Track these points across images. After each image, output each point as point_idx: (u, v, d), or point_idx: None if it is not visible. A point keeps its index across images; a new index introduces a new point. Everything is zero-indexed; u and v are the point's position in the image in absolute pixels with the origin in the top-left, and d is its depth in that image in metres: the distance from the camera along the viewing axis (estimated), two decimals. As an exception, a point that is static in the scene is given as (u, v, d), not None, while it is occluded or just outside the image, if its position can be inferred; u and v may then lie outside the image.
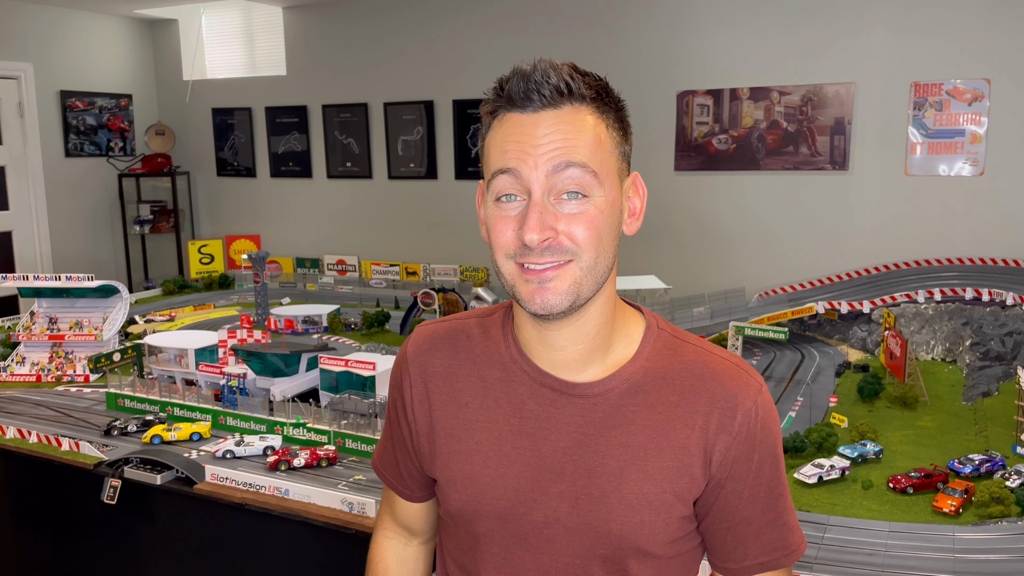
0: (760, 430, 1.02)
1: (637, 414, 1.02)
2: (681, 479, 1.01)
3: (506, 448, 1.05)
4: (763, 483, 1.05)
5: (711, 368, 1.03)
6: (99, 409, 3.00)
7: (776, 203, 4.34)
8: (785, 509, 1.08)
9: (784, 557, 1.08)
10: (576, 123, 0.95)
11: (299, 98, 5.72)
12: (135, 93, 6.17)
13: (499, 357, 1.08)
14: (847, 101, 4.07)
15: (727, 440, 1.01)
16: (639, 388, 1.03)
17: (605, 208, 0.97)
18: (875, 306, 3.58)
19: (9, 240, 5.48)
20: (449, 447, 1.08)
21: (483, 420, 1.06)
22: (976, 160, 3.85)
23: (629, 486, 1.01)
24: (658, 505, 1.01)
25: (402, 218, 5.48)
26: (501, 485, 1.04)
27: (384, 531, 1.29)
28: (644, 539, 1.01)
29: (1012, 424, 2.57)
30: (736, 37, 4.30)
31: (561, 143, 0.94)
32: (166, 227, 6.09)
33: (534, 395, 1.04)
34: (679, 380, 1.03)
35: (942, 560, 1.82)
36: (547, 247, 0.95)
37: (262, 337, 3.14)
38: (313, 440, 2.55)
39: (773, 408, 1.06)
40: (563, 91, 0.95)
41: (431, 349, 1.12)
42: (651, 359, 1.04)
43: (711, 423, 1.01)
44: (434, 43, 5.17)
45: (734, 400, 1.01)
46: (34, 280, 3.61)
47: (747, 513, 1.05)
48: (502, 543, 1.06)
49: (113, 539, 2.59)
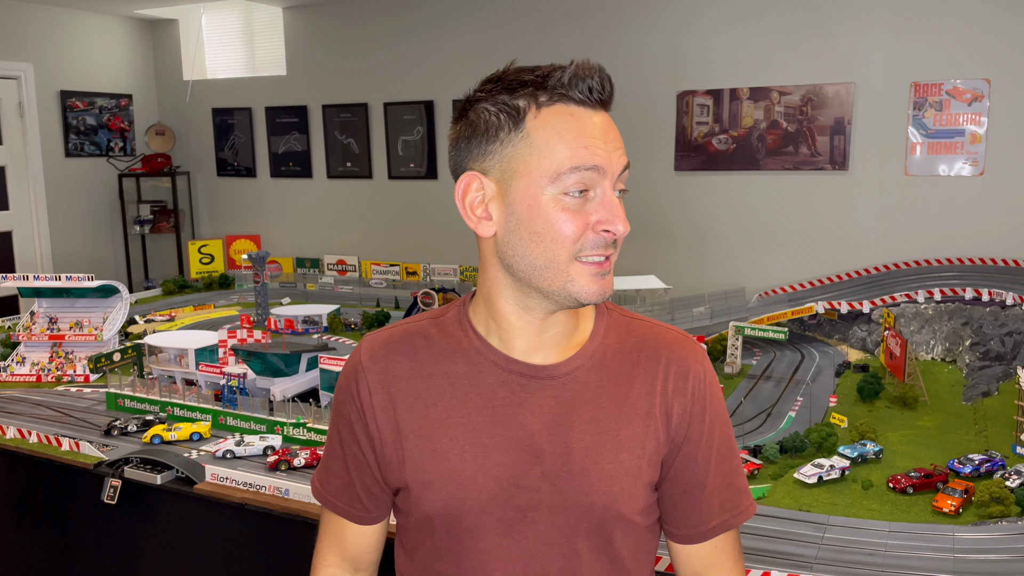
0: (709, 392, 1.10)
1: (603, 388, 1.07)
2: (649, 443, 1.07)
3: (483, 439, 1.06)
4: (715, 445, 1.11)
5: (661, 338, 1.11)
6: (99, 409, 3.00)
7: (776, 203, 4.34)
8: (733, 470, 1.14)
9: (734, 518, 1.13)
10: (610, 123, 1.03)
11: (299, 98, 5.72)
12: (135, 93, 6.17)
13: (463, 352, 1.09)
14: (847, 101, 4.07)
15: (682, 402, 1.08)
16: (601, 364, 1.09)
17: None
18: (875, 306, 3.58)
19: (9, 240, 5.48)
20: (420, 448, 1.07)
21: (455, 416, 1.07)
22: (976, 160, 3.85)
23: (606, 456, 1.05)
24: (634, 471, 1.06)
25: (402, 218, 5.48)
26: (482, 476, 1.05)
27: (328, 568, 1.21)
28: (624, 506, 1.06)
29: (1012, 424, 2.57)
30: (736, 37, 4.30)
31: (619, 144, 1.03)
32: (166, 227, 6.09)
33: (504, 383, 1.07)
34: (635, 352, 1.10)
35: (942, 560, 1.82)
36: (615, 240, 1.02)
37: (262, 337, 3.14)
38: (313, 440, 2.55)
39: (713, 368, 1.15)
40: (611, 94, 1.03)
41: (388, 355, 1.11)
42: (607, 336, 1.11)
43: (668, 387, 1.08)
44: (434, 43, 5.18)
45: (685, 364, 1.09)
46: (34, 280, 3.62)
47: (702, 476, 1.10)
48: (487, 535, 1.06)
49: (113, 539, 2.59)
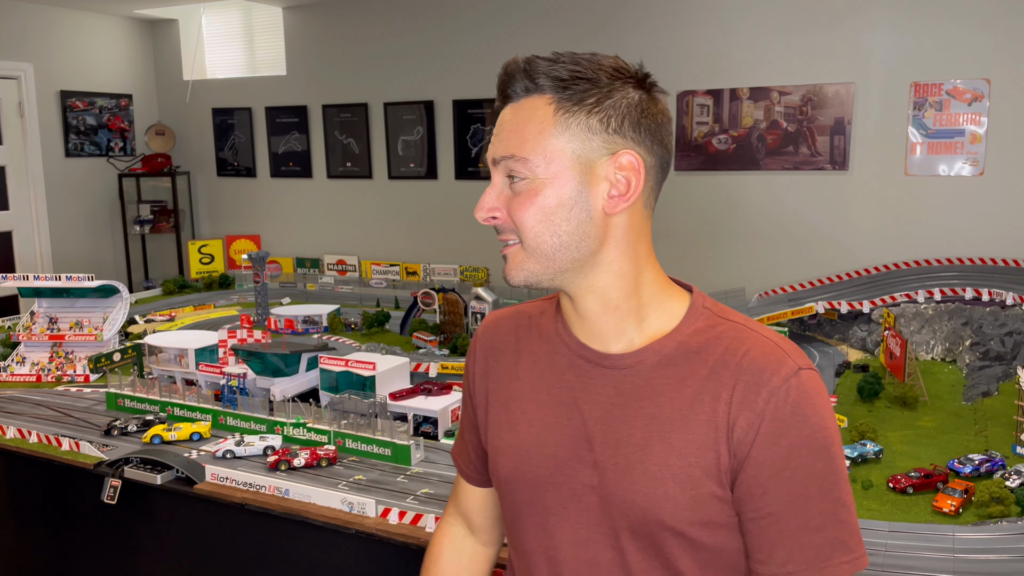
0: (790, 414, 0.97)
1: (667, 387, 1.03)
2: (708, 454, 0.99)
3: (547, 417, 1.10)
4: (794, 476, 0.97)
5: (745, 344, 1.01)
6: (99, 409, 3.00)
7: (776, 203, 4.34)
8: (825, 515, 0.98)
9: (816, 571, 0.97)
10: (526, 114, 1.02)
11: (299, 98, 5.72)
12: (135, 93, 6.17)
13: (547, 333, 1.15)
14: (847, 101, 4.07)
15: (750, 417, 0.97)
16: (670, 361, 1.03)
17: (547, 190, 1.01)
18: (875, 306, 3.57)
19: (9, 240, 5.48)
20: (499, 417, 1.16)
21: (529, 392, 1.13)
22: (976, 160, 3.85)
23: (653, 457, 1.01)
24: (683, 479, 0.99)
25: (402, 218, 5.48)
26: (541, 453, 1.09)
27: (446, 518, 1.36)
28: (668, 514, 1.00)
29: (1012, 424, 2.57)
30: (736, 37, 4.30)
31: (504, 136, 1.03)
32: (166, 227, 6.09)
33: (572, 366, 1.10)
34: (711, 355, 1.02)
35: (942, 560, 1.82)
36: (498, 225, 1.06)
37: (262, 337, 3.14)
38: (313, 440, 2.55)
39: (816, 398, 0.98)
40: (527, 86, 1.03)
41: (496, 328, 1.23)
42: (687, 335, 1.05)
43: (735, 397, 0.98)
44: (434, 43, 5.17)
45: (761, 376, 0.98)
46: (34, 280, 3.61)
47: (772, 507, 0.98)
48: (541, 512, 1.10)
49: (113, 539, 2.59)
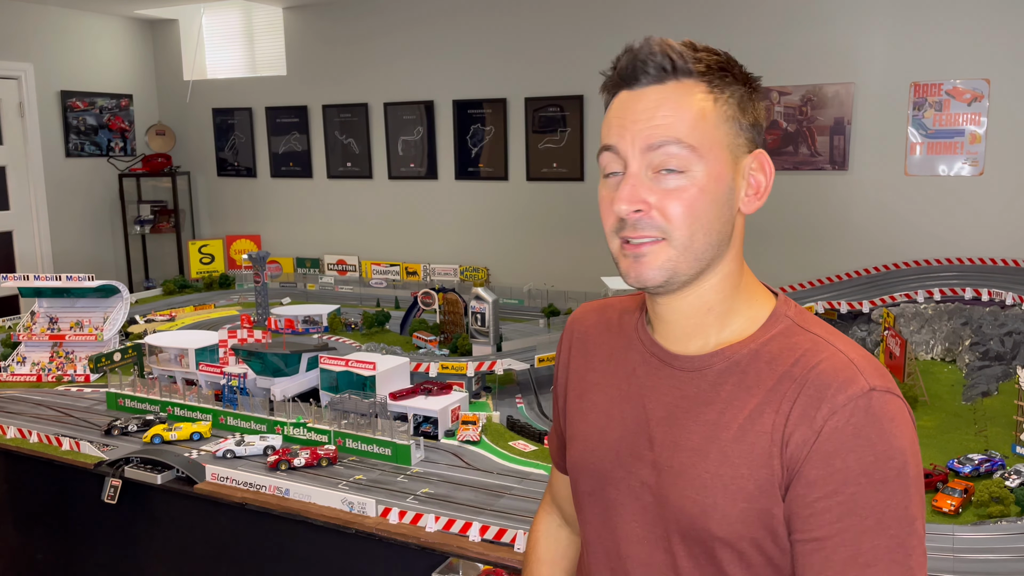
0: (852, 436, 0.89)
1: (732, 394, 0.98)
2: (763, 468, 0.93)
3: (614, 411, 1.09)
4: (848, 504, 0.89)
5: (818, 356, 0.95)
6: (99, 409, 3.00)
7: (776, 203, 4.31)
8: (879, 551, 0.88)
9: None
10: (678, 99, 0.95)
11: (299, 98, 5.72)
12: (135, 93, 6.18)
13: (626, 328, 1.14)
14: (847, 101, 4.07)
15: (805, 432, 0.91)
16: (738, 368, 0.99)
17: (707, 185, 0.95)
18: (875, 306, 3.57)
19: (9, 240, 5.48)
20: (574, 405, 1.16)
21: (602, 384, 1.13)
22: (976, 160, 3.85)
23: (706, 464, 0.97)
24: (733, 490, 0.95)
25: (402, 218, 5.48)
26: (604, 447, 1.09)
27: (543, 506, 1.37)
28: (716, 524, 0.96)
29: (1012, 424, 2.57)
30: (736, 37, 4.30)
31: (660, 119, 0.94)
32: (166, 227, 6.09)
33: (644, 363, 1.08)
34: (781, 365, 0.96)
35: (942, 560, 1.82)
36: (640, 220, 0.95)
37: (262, 337, 3.14)
38: (313, 440, 2.55)
39: (887, 423, 0.90)
40: (667, 68, 0.95)
41: (585, 319, 1.22)
42: (762, 342, 1.00)
43: (795, 411, 0.93)
44: (434, 43, 5.18)
45: (825, 392, 0.91)
46: (34, 280, 3.62)
47: (819, 532, 0.90)
48: (602, 504, 1.10)
49: (113, 539, 2.59)
